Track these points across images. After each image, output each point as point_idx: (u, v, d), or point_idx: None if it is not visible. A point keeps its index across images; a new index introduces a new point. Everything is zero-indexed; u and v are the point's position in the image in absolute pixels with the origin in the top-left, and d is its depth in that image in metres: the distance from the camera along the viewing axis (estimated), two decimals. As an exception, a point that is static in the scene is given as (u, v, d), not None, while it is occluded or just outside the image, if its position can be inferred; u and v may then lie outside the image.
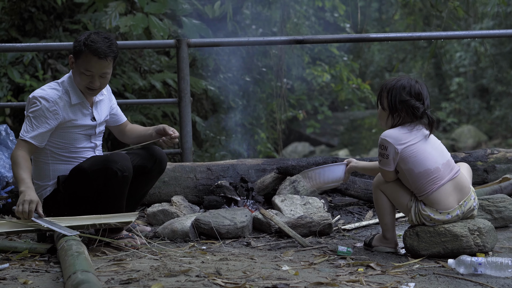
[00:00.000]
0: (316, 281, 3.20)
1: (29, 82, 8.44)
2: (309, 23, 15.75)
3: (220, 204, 5.10)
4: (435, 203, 3.82)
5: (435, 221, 3.83)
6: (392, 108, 3.90)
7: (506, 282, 3.29)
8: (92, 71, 4.15)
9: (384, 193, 4.01)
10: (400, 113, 3.88)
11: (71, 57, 4.22)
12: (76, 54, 4.18)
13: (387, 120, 3.94)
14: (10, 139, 5.37)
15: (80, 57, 4.14)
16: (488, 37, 8.72)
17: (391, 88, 3.91)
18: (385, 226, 4.05)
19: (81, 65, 4.15)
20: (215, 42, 7.03)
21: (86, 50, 4.12)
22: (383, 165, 3.88)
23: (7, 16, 9.07)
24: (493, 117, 22.89)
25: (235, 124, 12.05)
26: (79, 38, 4.20)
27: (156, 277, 3.17)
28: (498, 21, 19.60)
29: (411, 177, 3.84)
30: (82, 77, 4.17)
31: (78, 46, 4.15)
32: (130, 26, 8.70)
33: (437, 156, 3.86)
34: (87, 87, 4.21)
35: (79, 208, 4.21)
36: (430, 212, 3.83)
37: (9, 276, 3.31)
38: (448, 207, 3.82)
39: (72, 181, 4.17)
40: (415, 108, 3.85)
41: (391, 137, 3.83)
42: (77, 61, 4.17)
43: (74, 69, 4.22)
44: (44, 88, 4.23)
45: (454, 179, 3.86)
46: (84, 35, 4.20)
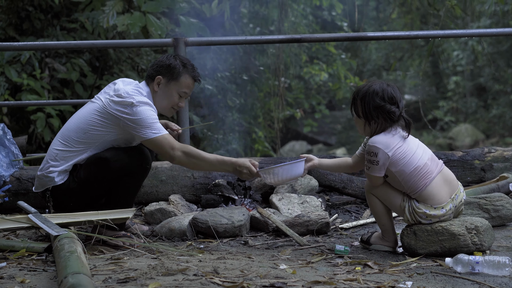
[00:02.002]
0: (314, 280, 3.20)
1: (26, 81, 8.44)
2: (307, 21, 15.76)
3: (218, 203, 5.10)
4: (428, 198, 3.82)
5: (431, 217, 3.83)
6: (368, 115, 3.88)
7: (503, 280, 3.29)
8: (188, 93, 4.40)
9: (376, 197, 4.01)
10: (376, 119, 3.87)
11: (160, 78, 4.34)
12: (172, 76, 4.35)
13: (365, 127, 3.94)
14: (7, 138, 5.37)
15: (179, 79, 4.36)
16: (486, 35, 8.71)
17: (364, 95, 3.89)
18: (383, 227, 4.05)
19: (179, 86, 4.38)
20: (213, 41, 7.03)
21: (186, 73, 4.37)
22: (372, 171, 3.86)
23: (4, 15, 9.06)
24: (491, 115, 22.92)
25: (232, 123, 12.05)
26: (172, 62, 4.36)
27: (154, 276, 3.17)
28: (495, 20, 19.63)
29: (403, 178, 3.84)
30: (174, 98, 4.39)
31: (178, 68, 4.34)
32: (127, 24, 8.69)
33: (422, 153, 3.88)
34: (172, 107, 4.42)
35: (88, 199, 4.27)
36: (425, 208, 3.83)
37: (6, 275, 3.31)
38: (441, 201, 3.84)
39: (90, 169, 4.21)
40: (391, 112, 3.84)
41: (380, 144, 3.81)
42: (172, 82, 4.36)
43: (163, 89, 4.36)
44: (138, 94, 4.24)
45: (442, 172, 3.90)
46: (173, 58, 4.39)
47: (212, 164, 4.17)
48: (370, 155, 3.84)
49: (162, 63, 4.36)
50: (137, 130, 4.12)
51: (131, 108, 4.12)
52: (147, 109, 4.14)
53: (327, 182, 5.34)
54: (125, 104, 4.14)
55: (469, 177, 5.69)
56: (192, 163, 4.16)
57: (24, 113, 8.83)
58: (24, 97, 8.40)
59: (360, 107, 3.90)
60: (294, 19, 14.19)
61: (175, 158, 4.12)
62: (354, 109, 3.96)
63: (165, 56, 4.40)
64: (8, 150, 5.34)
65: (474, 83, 24.14)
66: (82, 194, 4.24)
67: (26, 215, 4.05)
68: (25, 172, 5.32)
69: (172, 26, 9.51)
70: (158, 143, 4.12)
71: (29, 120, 8.73)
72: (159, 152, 4.21)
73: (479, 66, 22.95)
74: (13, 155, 5.35)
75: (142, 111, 4.12)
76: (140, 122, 4.11)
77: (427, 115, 19.37)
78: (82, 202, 4.26)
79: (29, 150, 8.33)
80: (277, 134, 13.68)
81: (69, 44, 6.82)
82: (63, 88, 9.02)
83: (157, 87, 4.34)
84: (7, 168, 5.25)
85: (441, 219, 3.84)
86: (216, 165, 4.19)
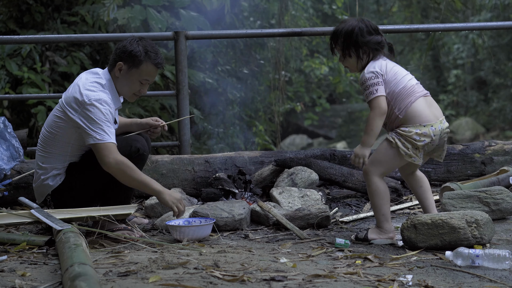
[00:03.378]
0: (314, 273, 3.20)
1: (27, 74, 8.43)
2: (307, 15, 15.74)
3: (218, 196, 5.10)
4: (415, 116, 3.97)
5: (423, 136, 3.94)
6: (359, 51, 4.03)
7: (503, 274, 3.29)
8: (149, 80, 4.31)
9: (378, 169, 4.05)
10: (367, 52, 4.04)
11: (121, 64, 4.24)
12: (133, 63, 4.24)
13: (357, 64, 4.08)
14: (8, 131, 5.37)
15: (140, 67, 4.24)
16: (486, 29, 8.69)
17: (348, 34, 4.03)
18: (383, 216, 4.06)
19: (139, 74, 4.26)
20: (213, 34, 7.03)
21: (148, 61, 4.25)
22: (378, 92, 3.94)
23: (5, 8, 9.05)
24: (491, 109, 22.89)
25: (233, 116, 12.04)
26: (134, 48, 4.24)
27: (154, 270, 3.17)
28: (496, 13, 19.59)
29: (393, 98, 3.99)
30: (135, 85, 4.29)
31: (138, 55, 4.23)
32: (128, 18, 8.69)
33: (411, 78, 4.08)
34: (134, 93, 4.33)
35: (89, 193, 4.28)
36: (414, 129, 3.95)
37: (7, 268, 3.31)
38: (429, 119, 3.98)
39: (87, 163, 4.22)
40: (380, 42, 4.05)
41: (375, 67, 3.99)
42: (133, 69, 4.25)
43: (124, 75, 4.27)
44: (94, 90, 4.15)
45: (426, 97, 4.07)
46: (136, 44, 4.27)
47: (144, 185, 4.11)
48: (369, 80, 3.97)
49: (125, 48, 4.25)
50: (86, 132, 4.06)
51: (84, 108, 4.06)
52: (100, 110, 4.05)
53: (328, 176, 5.34)
54: (79, 103, 4.09)
55: (469, 171, 5.69)
56: (124, 173, 4.04)
57: (25, 107, 8.83)
58: (25, 90, 8.39)
59: (350, 46, 4.05)
60: (294, 13, 14.16)
61: (108, 165, 4.02)
62: (343, 51, 4.08)
63: (128, 41, 4.29)
64: (9, 144, 5.34)
65: (475, 77, 24.10)
66: (82, 190, 4.24)
67: (29, 210, 4.06)
68: (26, 165, 5.32)
69: (172, 19, 9.50)
70: (98, 148, 4.04)
71: (30, 113, 8.73)
72: (97, 157, 4.08)
73: (480, 60, 22.91)
74: (14, 149, 5.35)
75: (94, 113, 4.04)
76: (90, 124, 4.05)
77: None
78: (82, 199, 4.26)
79: (30, 144, 8.31)
80: (278, 127, 13.67)
81: (69, 37, 6.82)
82: (63, 82, 9.00)
83: (118, 73, 4.26)
84: (8, 162, 5.25)
85: (433, 139, 3.98)
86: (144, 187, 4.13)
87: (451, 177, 5.68)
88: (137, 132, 4.53)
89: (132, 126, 4.60)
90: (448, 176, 5.68)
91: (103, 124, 4.05)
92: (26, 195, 4.90)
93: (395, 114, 4.00)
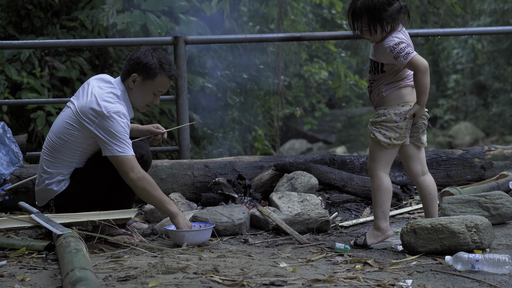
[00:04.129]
0: (314, 278, 3.20)
1: (26, 80, 8.43)
2: (307, 20, 15.76)
3: (218, 201, 5.10)
4: (397, 98, 4.02)
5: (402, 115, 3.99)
6: (383, 24, 3.96)
7: (503, 278, 3.29)
8: (163, 91, 4.34)
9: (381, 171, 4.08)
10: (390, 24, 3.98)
11: (136, 76, 4.25)
12: (148, 75, 4.25)
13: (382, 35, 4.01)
14: (8, 136, 5.37)
15: (155, 79, 4.26)
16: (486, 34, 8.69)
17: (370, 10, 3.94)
18: (382, 213, 4.06)
19: (154, 86, 4.28)
20: (213, 39, 7.04)
21: (162, 73, 4.27)
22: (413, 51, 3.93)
23: (4, 13, 9.06)
24: (490, 114, 22.92)
25: (232, 121, 12.04)
26: (149, 60, 4.25)
27: (154, 274, 3.17)
28: (495, 18, 19.64)
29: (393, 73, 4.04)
30: (149, 96, 4.31)
31: (153, 67, 4.24)
32: (127, 23, 8.70)
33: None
34: (147, 104, 4.35)
35: (92, 199, 4.28)
36: (392, 109, 4.01)
37: (6, 273, 3.31)
38: (408, 100, 4.03)
39: (91, 169, 4.22)
40: (400, 9, 3.97)
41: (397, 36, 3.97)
42: (148, 81, 4.26)
43: (138, 87, 4.28)
44: (112, 101, 4.14)
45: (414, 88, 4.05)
46: (151, 56, 4.27)
47: (160, 204, 4.16)
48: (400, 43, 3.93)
49: (139, 60, 4.25)
50: (105, 143, 4.06)
51: (102, 120, 4.05)
52: (118, 123, 4.06)
53: (327, 180, 5.34)
54: (97, 114, 4.08)
55: (469, 175, 5.69)
56: (145, 189, 4.08)
57: (24, 112, 8.83)
58: (24, 95, 8.40)
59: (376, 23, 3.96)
60: (294, 17, 14.17)
61: (132, 180, 4.05)
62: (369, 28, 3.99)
63: (142, 53, 4.29)
64: (8, 149, 5.34)
65: (474, 81, 24.13)
66: (85, 195, 4.24)
67: (29, 215, 4.06)
68: (26, 170, 5.32)
69: (172, 24, 9.51)
70: (120, 161, 4.05)
71: (29, 118, 8.73)
72: (118, 170, 4.10)
73: (479, 64, 22.94)
74: (13, 154, 5.35)
75: (113, 125, 4.05)
76: (109, 136, 4.05)
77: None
78: (85, 204, 4.25)
79: (29, 148, 8.33)
80: (277, 132, 13.67)
81: (69, 42, 6.82)
82: (63, 87, 9.01)
83: (132, 84, 4.26)
84: (7, 167, 5.25)
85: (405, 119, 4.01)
86: (162, 207, 4.17)
87: (450, 182, 5.68)
88: (139, 139, 4.53)
89: (133, 131, 4.59)
90: (448, 181, 5.68)
91: (122, 136, 4.06)
92: (26, 200, 4.90)
93: (381, 91, 4.05)
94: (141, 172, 4.06)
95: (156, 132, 4.59)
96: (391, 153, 4.10)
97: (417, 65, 3.90)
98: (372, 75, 4.11)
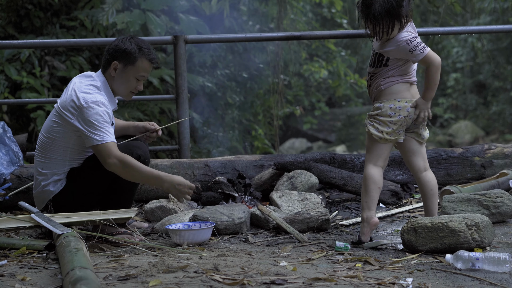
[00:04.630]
0: (314, 276, 3.20)
1: (26, 79, 8.44)
2: (306, 19, 15.75)
3: (218, 200, 5.10)
4: (394, 92, 4.03)
5: (397, 111, 4.00)
6: (401, 22, 3.97)
7: (503, 277, 3.29)
8: (145, 76, 4.34)
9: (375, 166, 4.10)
10: (405, 19, 3.98)
11: (117, 63, 4.26)
12: (129, 60, 4.27)
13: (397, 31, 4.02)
14: (8, 136, 5.37)
15: (136, 64, 4.27)
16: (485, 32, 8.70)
17: (389, 10, 3.92)
18: (366, 203, 4.09)
19: (136, 70, 4.29)
20: (212, 38, 7.04)
21: (142, 57, 4.28)
22: (427, 47, 3.95)
23: (4, 13, 9.06)
24: (490, 112, 22.92)
25: (232, 120, 12.04)
26: (127, 46, 4.27)
27: (154, 273, 3.17)
28: (495, 17, 19.62)
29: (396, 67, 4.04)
30: (132, 82, 4.32)
31: (133, 52, 4.26)
32: (127, 22, 8.70)
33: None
34: (131, 91, 4.36)
35: (90, 199, 4.28)
36: (388, 103, 4.02)
37: (7, 272, 3.31)
38: (405, 96, 4.04)
39: (88, 169, 4.22)
40: (410, 2, 3.98)
41: (410, 30, 4.01)
42: (129, 67, 4.27)
43: (120, 74, 4.29)
44: (90, 92, 4.17)
45: (413, 85, 4.12)
46: (128, 42, 4.30)
47: (147, 177, 4.12)
48: (414, 39, 3.95)
49: (118, 47, 4.27)
50: (85, 135, 4.08)
51: (81, 111, 4.07)
52: (97, 111, 4.07)
53: (327, 179, 5.34)
54: (76, 106, 4.10)
55: (469, 174, 5.69)
56: (126, 172, 4.07)
57: (24, 111, 8.84)
58: (24, 95, 8.40)
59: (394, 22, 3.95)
60: (293, 17, 14.16)
61: (111, 165, 4.04)
62: (394, 25, 3.96)
63: (120, 40, 4.32)
64: (8, 148, 5.34)
65: (474, 80, 24.13)
66: (83, 195, 4.24)
67: (29, 215, 4.06)
68: (26, 170, 5.32)
69: (171, 24, 9.51)
70: (98, 150, 4.06)
71: (29, 118, 8.74)
72: (99, 159, 4.10)
73: (479, 63, 22.93)
74: (14, 153, 5.35)
75: (91, 114, 4.06)
76: (88, 127, 4.06)
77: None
78: (84, 204, 4.25)
79: (29, 148, 8.32)
80: (277, 131, 13.66)
81: (68, 42, 6.82)
82: (63, 86, 9.01)
83: (114, 73, 4.28)
84: (8, 166, 5.25)
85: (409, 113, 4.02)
86: (151, 179, 4.14)
87: (451, 180, 5.68)
88: (134, 137, 4.53)
89: (130, 128, 4.61)
90: (448, 179, 5.68)
91: (101, 125, 4.06)
92: (26, 200, 4.90)
93: (380, 84, 4.06)
94: (119, 155, 4.04)
95: (151, 129, 4.60)
96: (383, 147, 4.10)
97: (432, 60, 3.95)
98: (374, 69, 4.11)
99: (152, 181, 4.16)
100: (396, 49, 3.99)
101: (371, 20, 4.00)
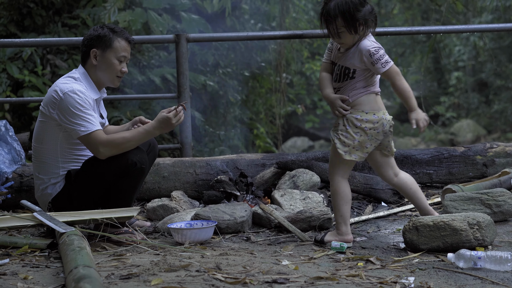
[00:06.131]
0: (316, 275, 3.20)
1: (28, 78, 8.44)
2: (308, 17, 15.75)
3: (220, 199, 5.10)
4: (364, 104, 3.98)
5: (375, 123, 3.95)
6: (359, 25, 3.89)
7: (505, 276, 3.29)
8: (126, 55, 4.35)
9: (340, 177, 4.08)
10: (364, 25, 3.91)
11: (95, 51, 4.30)
12: (106, 44, 4.30)
13: (354, 39, 3.95)
14: (10, 135, 5.37)
15: (113, 45, 4.31)
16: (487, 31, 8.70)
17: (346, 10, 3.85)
18: (341, 217, 4.07)
19: (115, 52, 4.32)
20: (214, 37, 7.05)
21: (118, 37, 4.32)
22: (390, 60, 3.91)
23: (6, 12, 9.06)
24: (492, 111, 22.89)
25: (234, 119, 12.04)
26: (100, 32, 4.32)
27: (156, 272, 3.18)
28: (497, 15, 19.59)
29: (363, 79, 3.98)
30: (114, 66, 4.33)
31: (107, 35, 4.30)
32: (129, 21, 8.71)
33: None
34: (117, 75, 4.37)
35: (88, 202, 4.26)
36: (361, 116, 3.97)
37: (9, 271, 3.31)
38: (376, 108, 4.00)
39: (86, 173, 4.21)
40: (371, 11, 3.92)
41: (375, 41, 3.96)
42: (107, 50, 4.31)
43: (101, 60, 4.32)
44: (67, 82, 4.21)
45: (378, 95, 4.07)
46: (100, 28, 4.35)
47: (140, 139, 4.17)
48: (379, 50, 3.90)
49: (91, 36, 4.32)
50: (69, 127, 4.12)
51: (60, 102, 4.11)
52: (74, 99, 4.10)
53: (329, 178, 5.33)
54: (55, 99, 4.14)
55: (471, 173, 5.69)
56: (121, 149, 4.11)
57: (26, 110, 8.84)
58: (26, 93, 8.41)
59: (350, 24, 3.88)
60: (295, 15, 14.18)
61: (103, 153, 4.09)
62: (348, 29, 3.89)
63: (92, 29, 4.37)
64: (10, 147, 5.34)
65: (476, 79, 24.10)
66: (82, 197, 4.24)
67: (31, 213, 4.06)
68: (28, 168, 5.33)
69: (173, 22, 9.52)
70: (86, 140, 4.11)
71: (31, 116, 8.74)
72: (89, 149, 4.17)
73: (481, 62, 22.90)
74: (16, 152, 5.36)
75: (69, 103, 4.09)
76: (70, 116, 4.10)
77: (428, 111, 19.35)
78: (83, 206, 4.24)
79: (31, 147, 8.34)
80: (279, 130, 13.67)
81: (70, 40, 6.82)
82: (64, 85, 9.01)
83: (95, 61, 4.30)
84: (10, 165, 5.25)
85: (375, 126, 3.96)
86: (143, 138, 4.19)
87: (452, 179, 5.67)
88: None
89: (129, 127, 4.62)
90: (450, 178, 5.68)
91: (81, 113, 4.10)
92: (28, 198, 4.90)
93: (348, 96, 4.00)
94: (105, 141, 4.08)
95: (145, 121, 4.59)
96: (347, 161, 4.08)
97: (397, 73, 3.92)
98: (339, 83, 4.05)
99: (145, 139, 4.21)
100: (359, 59, 3.92)
101: (324, 17, 3.95)
